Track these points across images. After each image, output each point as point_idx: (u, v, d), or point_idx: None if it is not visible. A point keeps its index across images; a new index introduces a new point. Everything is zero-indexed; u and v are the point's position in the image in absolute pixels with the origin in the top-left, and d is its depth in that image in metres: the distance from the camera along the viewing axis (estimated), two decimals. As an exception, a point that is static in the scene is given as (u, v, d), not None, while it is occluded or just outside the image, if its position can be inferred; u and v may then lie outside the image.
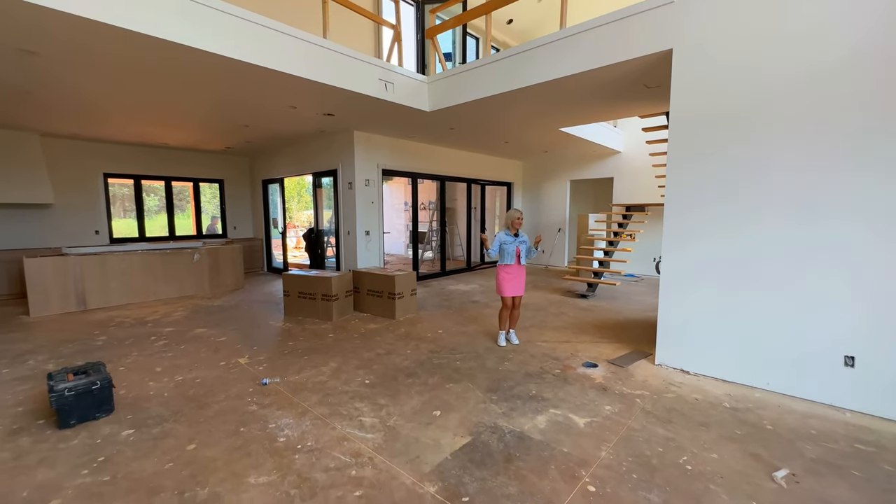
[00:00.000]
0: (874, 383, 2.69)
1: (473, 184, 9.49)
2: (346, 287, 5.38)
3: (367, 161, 6.84)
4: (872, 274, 2.66)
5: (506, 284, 4.11)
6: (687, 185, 3.37)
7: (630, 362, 3.69)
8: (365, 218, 6.88)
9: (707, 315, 3.35)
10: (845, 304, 2.77)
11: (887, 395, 2.65)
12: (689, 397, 3.03)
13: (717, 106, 3.18)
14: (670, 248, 3.49)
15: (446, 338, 4.46)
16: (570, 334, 4.58)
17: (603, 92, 4.60)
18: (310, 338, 4.48)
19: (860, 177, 2.67)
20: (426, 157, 7.98)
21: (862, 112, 2.65)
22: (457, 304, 6.05)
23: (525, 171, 10.72)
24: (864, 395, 2.74)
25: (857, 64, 2.65)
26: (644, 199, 8.51)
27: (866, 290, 2.69)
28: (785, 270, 2.98)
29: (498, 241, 4.14)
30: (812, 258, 2.87)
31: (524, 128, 6.48)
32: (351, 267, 6.90)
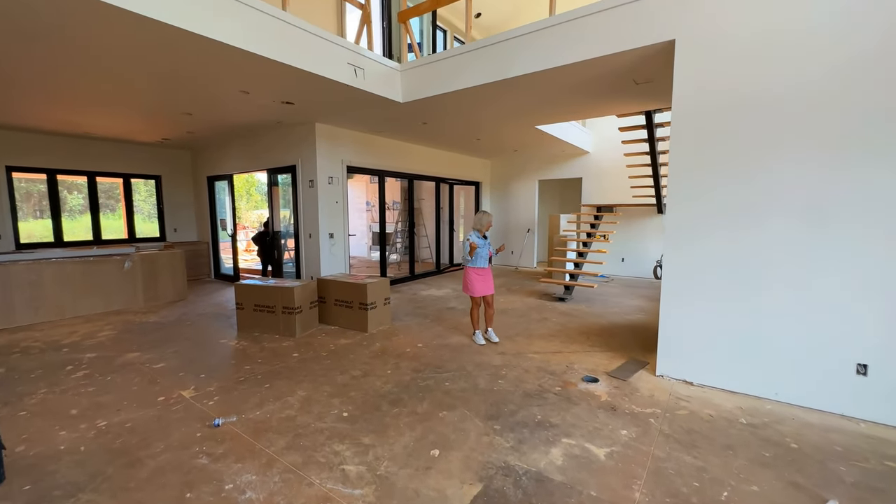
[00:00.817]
0: (888, 392, 2.60)
1: (442, 183, 9.09)
2: (310, 297, 4.78)
3: (330, 157, 6.22)
4: (884, 277, 2.56)
5: (477, 285, 4.27)
6: (690, 186, 3.17)
7: (630, 374, 3.46)
8: (328, 219, 6.26)
9: (711, 323, 3.17)
10: (856, 310, 2.66)
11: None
12: (702, 413, 2.81)
13: (722, 101, 2.99)
14: (672, 253, 3.28)
15: (428, 353, 4.02)
16: (560, 343, 4.31)
17: (589, 87, 4.37)
18: (270, 359, 3.86)
19: (873, 176, 2.56)
20: (394, 153, 7.47)
21: (880, 109, 2.53)
22: (432, 313, 5.62)
23: (493, 170, 10.48)
24: (877, 405, 2.64)
25: (880, 59, 2.53)
26: (613, 199, 8.53)
27: (878, 295, 2.59)
28: (793, 275, 2.84)
29: (468, 244, 4.22)
30: (821, 261, 2.74)
31: (501, 124, 6.17)
32: (313, 273, 6.25)
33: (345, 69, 4.18)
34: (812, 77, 2.70)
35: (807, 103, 2.72)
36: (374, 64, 4.52)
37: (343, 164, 6.42)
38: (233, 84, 4.18)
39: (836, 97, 2.63)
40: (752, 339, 3.02)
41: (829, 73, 2.65)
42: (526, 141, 7.57)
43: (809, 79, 2.70)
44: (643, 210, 8.22)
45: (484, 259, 4.28)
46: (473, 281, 4.25)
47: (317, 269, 6.21)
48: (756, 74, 2.87)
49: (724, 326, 3.12)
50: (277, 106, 5.02)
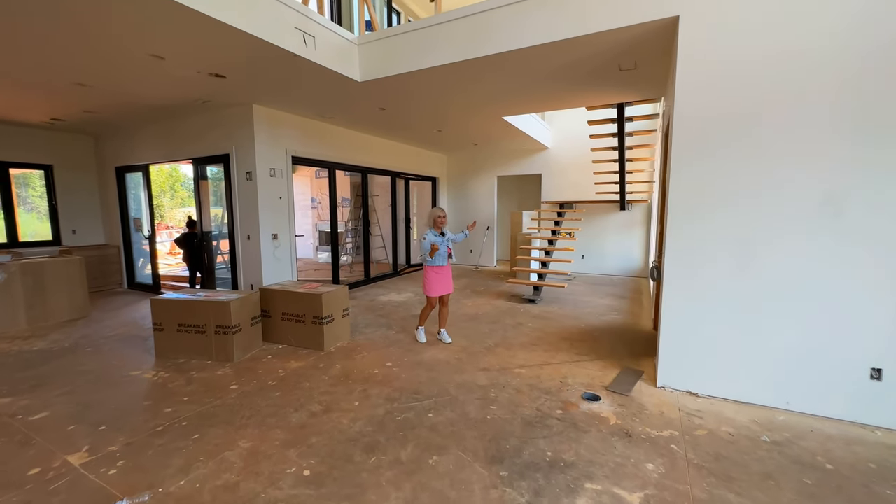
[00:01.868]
0: (905, 397, 2.47)
1: (398, 178, 8.43)
2: (251, 312, 3.96)
3: (272, 145, 5.35)
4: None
5: (436, 285, 4.10)
6: (693, 181, 2.88)
7: (630, 388, 3.13)
8: (271, 217, 5.38)
9: (716, 329, 2.92)
10: (869, 312, 2.51)
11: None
12: (721, 432, 2.52)
13: (733, 86, 2.72)
14: (675, 254, 2.99)
15: (401, 374, 3.42)
16: (544, 353, 3.91)
17: (570, 73, 4.00)
18: (201, 395, 3.04)
19: (890, 167, 2.41)
20: (346, 144, 6.70)
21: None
22: (397, 322, 5.00)
23: (450, 165, 10.00)
24: (892, 411, 2.50)
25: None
26: (573, 196, 8.42)
27: (892, 296, 2.45)
28: (803, 275, 2.64)
29: (429, 244, 4.01)
30: (834, 260, 2.56)
31: (468, 113, 5.67)
32: (254, 281, 5.35)
33: (291, 34, 3.43)
34: (833, 61, 2.48)
35: (822, 90, 2.51)
36: (328, 33, 3.81)
37: (287, 153, 5.56)
38: (140, 44, 3.25)
39: (856, 84, 2.44)
40: (758, 345, 2.80)
41: (854, 57, 2.45)
42: (490, 134, 7.16)
43: (830, 63, 2.49)
44: (603, 206, 8.19)
45: (443, 257, 4.12)
46: (432, 281, 4.10)
47: (258, 277, 5.31)
48: (768, 56, 2.62)
49: (730, 333, 2.88)
50: (204, 79, 4.10)
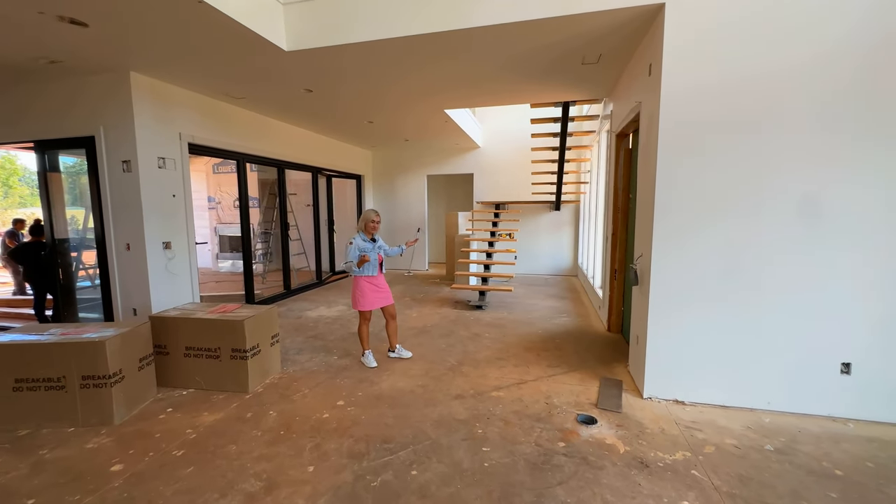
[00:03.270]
0: (871, 389, 2.59)
1: (320, 174, 7.47)
2: (139, 351, 2.89)
3: (160, 128, 4.14)
4: (870, 275, 2.53)
5: (370, 296, 3.58)
6: (680, 183, 2.73)
7: (618, 402, 2.90)
8: (161, 221, 4.17)
9: (699, 334, 2.82)
10: (840, 309, 2.59)
11: (888, 400, 2.57)
12: (728, 447, 2.38)
13: (720, 79, 2.61)
14: (663, 258, 2.82)
15: (360, 416, 2.75)
16: (515, 368, 3.55)
17: (531, 62, 3.70)
18: (58, 491, 2.02)
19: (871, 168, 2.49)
20: (260, 132, 5.61)
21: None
22: (335, 343, 4.23)
23: (376, 162, 9.26)
24: (860, 403, 2.62)
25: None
26: (506, 196, 8.34)
27: (863, 293, 2.55)
28: (781, 275, 2.65)
29: (356, 251, 3.50)
30: (810, 259, 2.60)
31: (407, 102, 5.08)
32: (138, 303, 4.09)
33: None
34: (824, 60, 2.47)
35: (809, 89, 2.51)
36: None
37: (182, 139, 4.38)
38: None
39: (846, 87, 2.47)
40: (740, 348, 2.76)
41: (847, 53, 2.47)
42: (426, 128, 6.64)
43: (819, 60, 2.48)
44: (535, 207, 8.24)
45: (374, 266, 3.58)
46: (365, 292, 3.57)
47: (143, 298, 4.07)
48: (755, 53, 2.55)
49: (713, 338, 2.80)
50: (52, 26, 2.89)
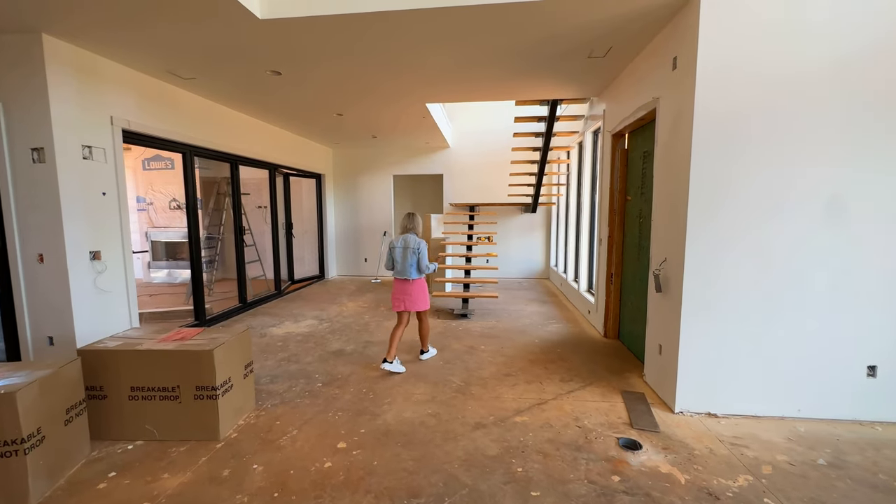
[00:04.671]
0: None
1: (277, 172, 6.69)
2: (66, 399, 2.17)
3: (87, 108, 3.31)
4: (893, 277, 2.52)
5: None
6: (717, 179, 2.57)
7: (651, 419, 2.68)
8: (87, 225, 3.33)
9: (731, 342, 2.68)
10: (866, 311, 2.57)
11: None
12: (782, 464, 2.23)
13: (757, 73, 2.48)
14: (697, 263, 2.64)
15: (371, 461, 2.26)
16: (527, 385, 3.23)
17: (535, 51, 3.40)
18: None
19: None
20: (210, 121, 4.82)
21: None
22: (315, 366, 3.65)
23: (337, 160, 8.58)
24: (886, 405, 2.61)
25: None
26: (478, 197, 8.08)
27: (885, 296, 2.54)
28: (810, 279, 2.58)
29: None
30: (836, 262, 2.55)
31: (389, 93, 4.59)
32: (57, 331, 3.22)
33: None
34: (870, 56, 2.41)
35: (849, 88, 2.44)
36: (211, -76, 2.33)
37: (115, 125, 3.56)
38: None
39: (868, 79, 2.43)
40: (770, 354, 2.66)
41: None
42: (401, 124, 6.16)
43: (865, 55, 2.41)
44: (507, 209, 8.05)
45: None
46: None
47: (62, 325, 3.21)
48: (795, 49, 2.44)
49: (743, 345, 2.67)
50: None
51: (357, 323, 5.04)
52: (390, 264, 3.67)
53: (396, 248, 3.60)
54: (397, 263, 3.61)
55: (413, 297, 3.59)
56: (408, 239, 3.58)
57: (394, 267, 3.64)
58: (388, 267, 3.71)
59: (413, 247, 3.55)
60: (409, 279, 3.58)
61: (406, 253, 3.56)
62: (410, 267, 3.55)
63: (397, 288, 3.64)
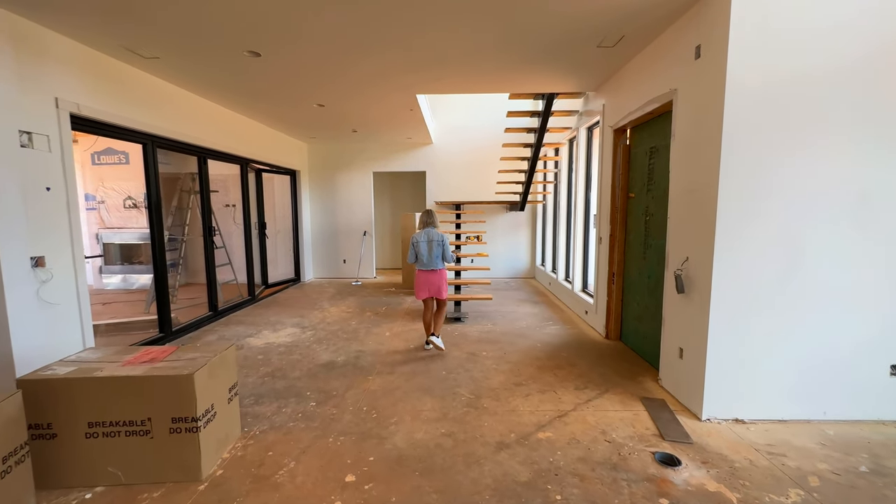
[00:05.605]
0: (919, 389, 2.56)
1: (249, 168, 6.17)
2: (2, 445, 1.73)
3: (25, 88, 2.79)
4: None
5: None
6: (748, 171, 2.43)
7: (681, 430, 2.52)
8: (25, 226, 2.80)
9: (758, 344, 2.57)
10: (888, 310, 2.52)
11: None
12: (825, 474, 2.11)
13: (790, 64, 2.37)
14: (726, 263, 2.50)
15: (392, 499, 1.95)
16: (541, 396, 3.01)
17: (536, 38, 3.18)
18: None
19: (908, 169, 2.42)
20: (176, 109, 4.30)
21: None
22: (305, 381, 3.27)
23: (313, 156, 8.09)
24: (908, 403, 2.58)
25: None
26: (462, 196, 7.83)
27: (907, 292, 2.51)
28: (837, 277, 2.51)
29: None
30: (863, 259, 2.49)
31: (375, 80, 4.23)
32: (-12, 353, 2.68)
33: None
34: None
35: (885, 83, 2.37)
36: None
37: (61, 108, 3.03)
38: None
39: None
40: (796, 355, 2.57)
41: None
42: (386, 117, 5.80)
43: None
44: (492, 208, 7.85)
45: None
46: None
47: (1, 348, 2.68)
48: (831, 39, 2.34)
49: (771, 347, 2.57)
50: None
51: (344, 330, 4.67)
52: (413, 257, 3.95)
53: (420, 242, 3.89)
54: (422, 256, 3.89)
55: (438, 285, 3.90)
56: (430, 233, 3.91)
57: (417, 259, 3.92)
58: (410, 260, 3.97)
59: (437, 239, 3.88)
60: (434, 269, 3.89)
61: (431, 245, 3.87)
62: (436, 258, 3.88)
63: (423, 278, 3.91)
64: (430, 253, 3.86)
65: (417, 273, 3.95)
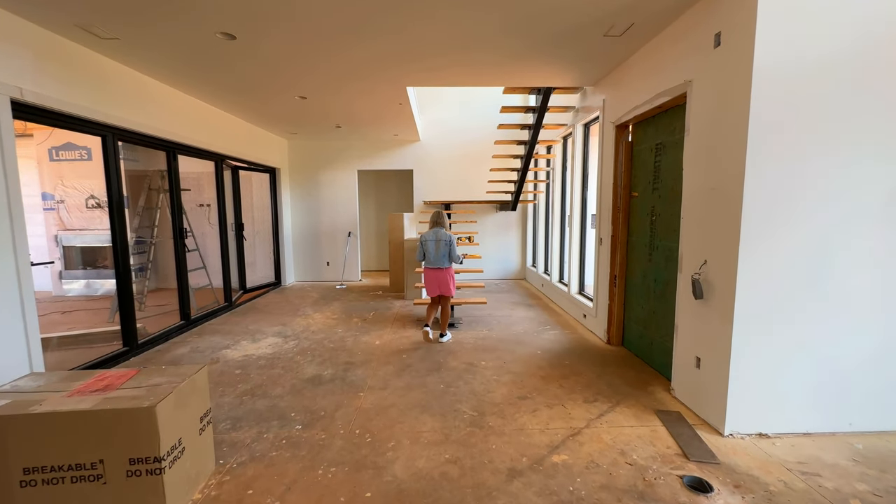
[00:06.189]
0: (945, 398, 2.44)
1: (225, 164, 5.76)
2: None
3: (-51, 65, 2.38)
4: (943, 277, 2.36)
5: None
6: (777, 166, 2.26)
7: (706, 449, 2.33)
8: (-41, 229, 2.40)
9: (784, 352, 2.41)
10: (914, 314, 2.40)
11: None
12: (866, 496, 1.95)
13: (818, 50, 2.20)
14: (752, 266, 2.32)
15: (391, 544, 1.68)
16: (548, 411, 2.78)
17: (540, 25, 2.96)
18: None
19: (937, 167, 2.29)
20: (139, 98, 3.89)
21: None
22: (289, 400, 2.95)
23: (293, 153, 7.68)
24: (934, 413, 2.46)
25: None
26: (450, 195, 7.58)
27: (934, 296, 2.38)
28: (858, 280, 2.36)
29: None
30: (889, 259, 2.35)
31: (362, 70, 3.93)
32: None
33: None
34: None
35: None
36: None
37: (1, 93, 2.63)
38: None
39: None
40: (821, 364, 2.42)
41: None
42: (376, 111, 5.48)
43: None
44: (481, 207, 7.62)
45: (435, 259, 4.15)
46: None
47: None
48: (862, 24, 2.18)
49: (794, 353, 2.41)
50: None
51: (330, 339, 4.34)
52: (421, 256, 4.18)
53: (429, 241, 4.10)
54: (430, 254, 4.09)
55: (446, 282, 4.11)
56: (439, 233, 4.11)
57: (425, 257, 4.14)
58: (419, 258, 4.23)
59: (445, 239, 4.07)
60: (442, 268, 4.08)
61: (439, 245, 4.06)
62: (443, 257, 4.06)
63: (431, 276, 4.14)
64: (437, 251, 4.04)
65: (425, 271, 4.16)
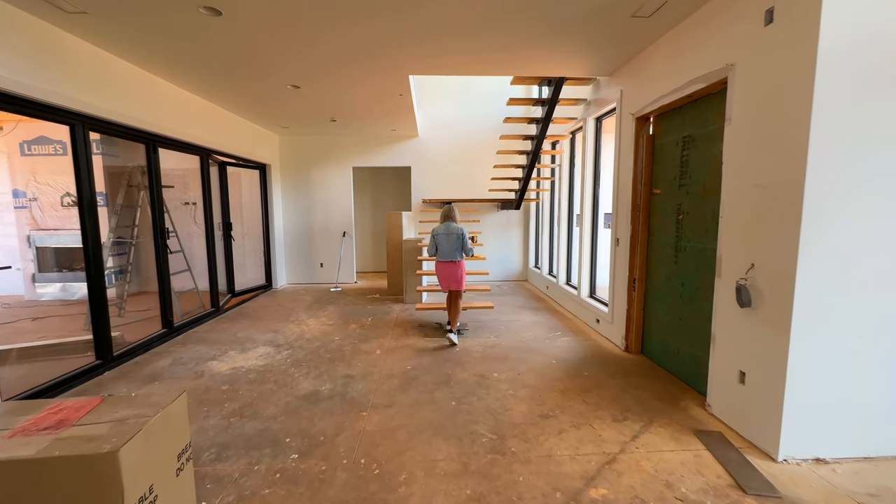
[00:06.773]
0: None
1: (211, 160, 5.37)
2: None
3: None
4: None
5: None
6: (843, 158, 2.00)
7: (760, 478, 2.06)
8: None
9: (842, 366, 2.15)
10: (985, 324, 2.16)
11: None
12: (957, 537, 1.70)
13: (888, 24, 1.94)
14: (813, 271, 2.05)
15: None
16: (576, 433, 2.49)
17: (562, 4, 2.68)
18: None
19: None
20: (113, 83, 3.51)
21: None
22: (283, 421, 2.62)
23: (285, 149, 7.30)
24: None
25: None
26: (450, 193, 7.27)
27: None
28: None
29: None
30: (958, 268, 2.11)
31: (362, 56, 3.60)
32: None
33: None
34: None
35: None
36: None
37: (-58, 69, 2.25)
38: None
39: None
40: (880, 377, 2.17)
41: None
42: (374, 103, 5.15)
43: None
44: (482, 206, 7.33)
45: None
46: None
47: None
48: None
49: (852, 368, 2.16)
50: None
51: (326, 348, 4.01)
52: (433, 250, 4.17)
53: (441, 234, 4.09)
54: (443, 248, 4.08)
55: (458, 276, 4.10)
56: (451, 226, 4.10)
57: (437, 251, 4.13)
58: (431, 253, 4.21)
59: (457, 233, 4.06)
60: (454, 261, 4.07)
61: (450, 238, 4.06)
62: (456, 250, 4.06)
63: (443, 270, 4.12)
64: (449, 245, 4.05)
65: (437, 265, 4.15)
